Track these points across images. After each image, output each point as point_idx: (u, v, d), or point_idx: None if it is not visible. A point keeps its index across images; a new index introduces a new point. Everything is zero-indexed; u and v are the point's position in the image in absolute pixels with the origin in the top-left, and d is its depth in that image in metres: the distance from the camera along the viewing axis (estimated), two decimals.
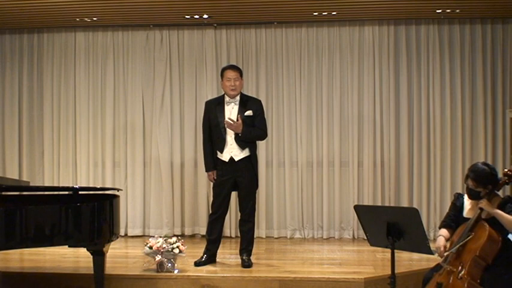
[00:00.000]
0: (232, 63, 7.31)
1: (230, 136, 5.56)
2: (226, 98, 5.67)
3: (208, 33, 7.45)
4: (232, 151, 5.56)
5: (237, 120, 5.49)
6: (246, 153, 5.58)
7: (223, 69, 5.76)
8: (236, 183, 5.63)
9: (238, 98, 5.65)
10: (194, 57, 7.48)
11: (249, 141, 5.60)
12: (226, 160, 5.59)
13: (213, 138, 5.68)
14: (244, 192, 5.65)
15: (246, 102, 5.65)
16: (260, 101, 5.84)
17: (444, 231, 4.32)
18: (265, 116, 7.21)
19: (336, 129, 7.31)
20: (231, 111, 5.60)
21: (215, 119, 5.65)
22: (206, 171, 5.84)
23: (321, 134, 7.34)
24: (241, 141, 5.55)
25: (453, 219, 4.37)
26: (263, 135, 5.77)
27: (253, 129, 5.58)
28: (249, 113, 5.58)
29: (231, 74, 5.63)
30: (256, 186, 5.76)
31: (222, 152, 5.60)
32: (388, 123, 7.25)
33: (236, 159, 5.56)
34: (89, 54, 7.58)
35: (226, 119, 5.51)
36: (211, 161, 5.70)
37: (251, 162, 5.61)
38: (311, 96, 7.36)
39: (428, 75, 7.23)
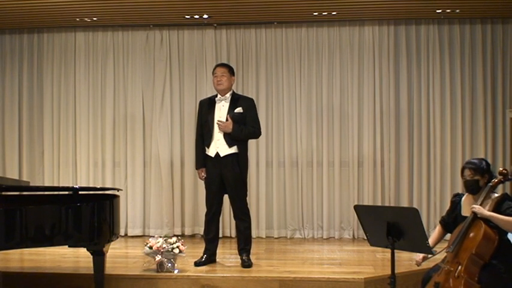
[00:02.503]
0: (232, 63, 7.33)
1: (219, 132, 5.57)
2: (218, 96, 5.69)
3: (208, 33, 7.45)
4: (218, 146, 5.57)
5: (226, 120, 5.51)
6: (233, 150, 5.56)
7: (213, 68, 5.83)
8: (223, 180, 5.63)
9: (229, 96, 5.66)
10: (194, 57, 7.49)
11: (241, 139, 5.60)
12: (212, 155, 5.61)
13: (203, 135, 5.71)
14: (231, 190, 5.64)
15: (236, 100, 5.66)
16: (252, 99, 5.83)
17: (438, 231, 4.39)
18: (265, 116, 7.32)
19: (336, 129, 7.32)
20: (221, 109, 5.63)
21: (205, 115, 5.71)
22: (196, 168, 5.89)
23: (321, 134, 7.35)
24: (229, 138, 5.56)
25: (450, 216, 4.41)
26: (256, 133, 5.73)
27: (245, 128, 5.58)
28: (238, 109, 5.59)
29: (218, 70, 5.70)
30: (244, 184, 5.69)
31: (209, 147, 5.63)
32: (388, 123, 7.26)
33: (221, 154, 5.56)
34: (89, 54, 7.58)
35: (216, 121, 5.54)
36: (201, 159, 5.73)
37: (237, 160, 5.59)
38: (311, 96, 7.36)
39: (428, 75, 7.24)
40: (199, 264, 5.60)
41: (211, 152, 5.62)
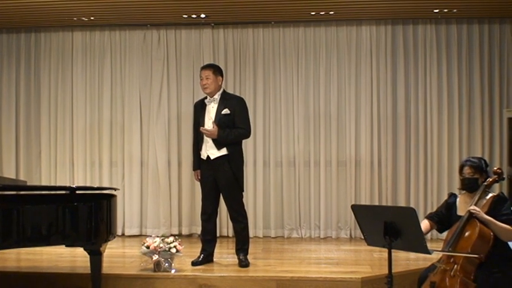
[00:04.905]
0: (229, 62, 7.36)
1: None
2: (207, 98, 5.68)
3: (205, 33, 7.45)
4: (209, 149, 5.58)
5: (213, 127, 5.49)
6: (223, 152, 5.55)
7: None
8: (217, 182, 5.63)
9: (217, 97, 5.64)
10: (191, 57, 7.48)
11: (229, 143, 5.57)
12: (204, 158, 5.63)
13: (197, 137, 5.73)
14: (224, 192, 5.65)
15: (225, 100, 5.63)
16: (241, 99, 5.81)
17: (424, 224, 4.35)
18: (263, 115, 7.32)
19: (333, 129, 7.32)
20: (211, 111, 5.62)
21: (197, 118, 5.73)
22: (192, 170, 5.91)
23: (318, 134, 7.35)
24: (217, 142, 5.55)
25: (439, 214, 4.43)
26: (244, 134, 5.67)
27: (231, 131, 5.53)
28: (225, 111, 5.57)
29: (202, 73, 5.68)
30: (239, 186, 5.65)
31: (201, 150, 5.66)
32: (386, 122, 7.26)
33: (212, 157, 5.57)
34: (86, 54, 7.57)
35: (201, 128, 5.54)
36: (197, 161, 5.75)
37: (229, 161, 5.57)
38: (308, 95, 7.37)
39: (426, 75, 7.25)
40: (197, 263, 5.60)
41: (203, 154, 5.64)
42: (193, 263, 5.60)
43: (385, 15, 7.08)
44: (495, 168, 4.34)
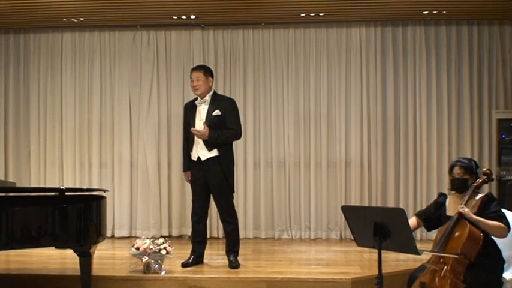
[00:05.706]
0: (219, 64, 7.35)
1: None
2: (198, 99, 5.68)
3: (195, 34, 7.44)
4: (199, 151, 5.57)
5: (204, 128, 5.49)
6: (213, 153, 5.55)
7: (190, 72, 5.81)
8: (207, 183, 5.63)
9: (208, 98, 5.63)
10: (181, 58, 7.47)
11: (220, 144, 5.56)
12: (195, 159, 5.62)
13: (188, 138, 5.72)
14: (215, 193, 5.65)
15: (216, 102, 5.62)
16: (232, 100, 5.81)
17: (412, 221, 4.36)
18: (253, 117, 7.33)
19: (323, 130, 7.33)
20: (201, 112, 5.62)
21: (188, 120, 5.72)
22: (183, 171, 5.90)
23: (308, 135, 7.36)
24: (208, 143, 5.55)
25: (426, 213, 4.46)
26: (236, 135, 5.67)
27: (222, 133, 5.53)
28: (216, 112, 5.56)
29: (193, 75, 5.66)
30: (230, 187, 5.65)
31: (191, 151, 5.65)
32: (375, 124, 7.29)
33: (202, 158, 5.56)
34: (76, 55, 7.54)
35: (192, 129, 5.53)
36: (187, 162, 5.74)
37: (219, 163, 5.57)
38: (298, 97, 7.38)
39: (415, 76, 7.28)
40: (187, 265, 5.59)
41: (193, 156, 5.63)
42: (184, 265, 5.59)
43: (375, 16, 7.11)
44: (484, 169, 4.37)
